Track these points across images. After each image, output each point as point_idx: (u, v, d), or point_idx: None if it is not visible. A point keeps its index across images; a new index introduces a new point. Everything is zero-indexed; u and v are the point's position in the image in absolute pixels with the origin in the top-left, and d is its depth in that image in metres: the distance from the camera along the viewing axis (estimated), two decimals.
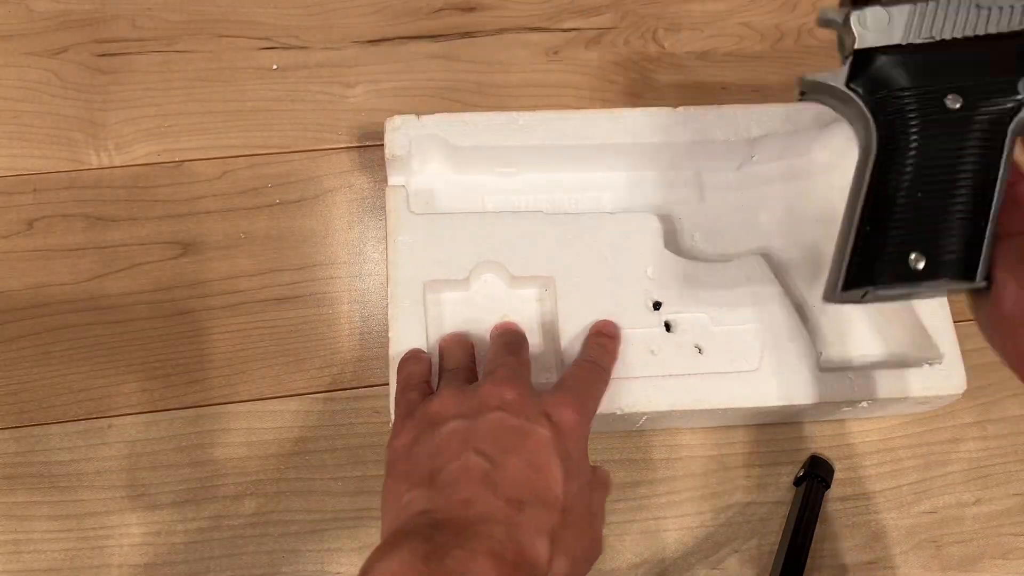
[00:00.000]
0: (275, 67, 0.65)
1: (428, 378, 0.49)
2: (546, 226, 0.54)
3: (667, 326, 0.53)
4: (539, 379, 0.51)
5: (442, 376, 0.48)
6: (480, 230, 0.54)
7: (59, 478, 0.54)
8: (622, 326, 0.52)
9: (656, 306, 0.53)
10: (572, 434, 0.42)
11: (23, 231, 0.60)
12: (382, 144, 0.56)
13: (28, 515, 0.54)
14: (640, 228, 0.54)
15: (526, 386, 0.44)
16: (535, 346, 0.52)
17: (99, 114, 0.63)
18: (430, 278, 0.53)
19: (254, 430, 0.56)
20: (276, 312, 0.59)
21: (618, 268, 0.53)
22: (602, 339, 0.50)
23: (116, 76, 0.64)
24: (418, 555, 0.35)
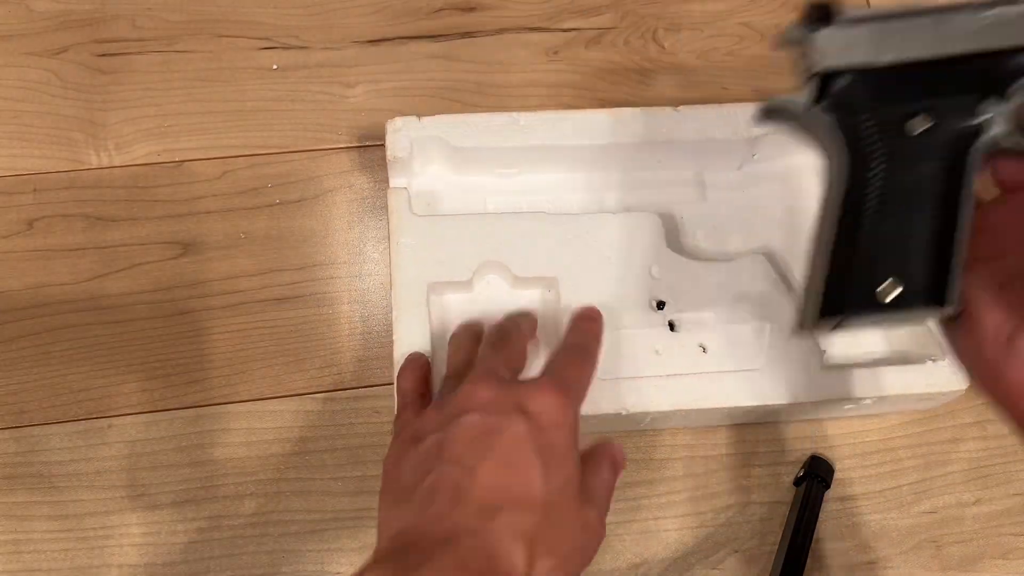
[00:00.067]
0: (275, 67, 0.65)
1: (424, 390, 0.48)
2: (548, 227, 0.54)
3: (671, 325, 0.53)
4: None
5: (442, 383, 0.48)
6: (482, 231, 0.54)
7: (59, 478, 0.54)
8: (626, 326, 0.52)
9: (660, 306, 0.53)
10: (553, 423, 0.40)
11: (23, 231, 0.60)
12: (382, 144, 0.56)
13: (28, 515, 0.54)
14: (642, 228, 0.54)
15: (501, 381, 0.43)
16: (537, 346, 0.52)
17: (99, 114, 0.63)
18: (433, 280, 0.53)
19: (254, 430, 0.56)
20: (276, 312, 0.59)
21: (621, 268, 0.53)
22: (583, 323, 0.49)
23: (116, 76, 0.64)
24: None
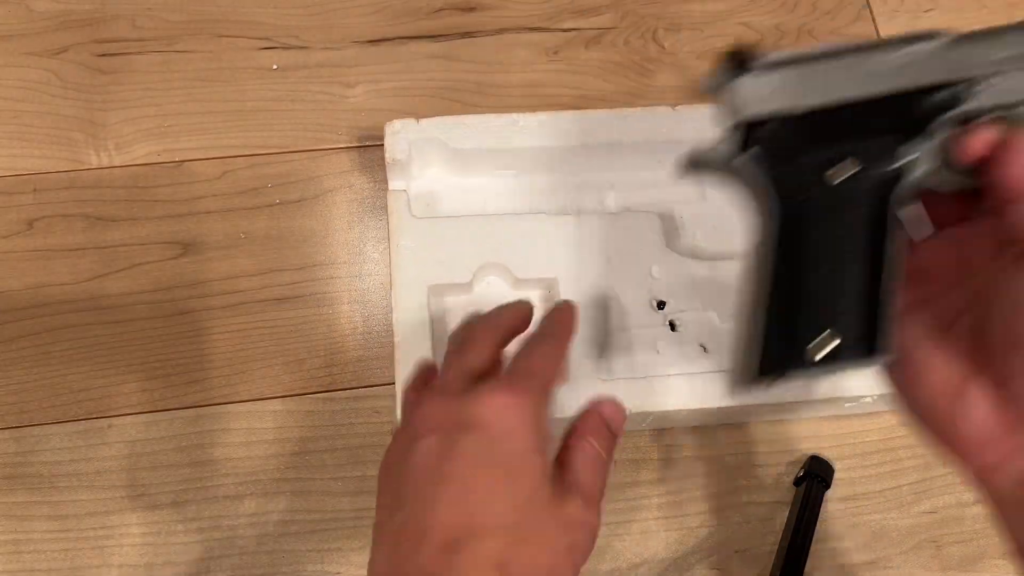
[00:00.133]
0: (275, 67, 0.65)
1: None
2: (548, 227, 0.54)
3: (671, 325, 0.53)
4: None
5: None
6: (482, 232, 0.54)
7: (59, 478, 0.54)
8: (626, 326, 0.52)
9: (660, 305, 0.53)
10: (506, 430, 0.37)
11: (23, 231, 0.60)
12: (382, 144, 0.56)
13: (28, 515, 0.54)
14: (642, 228, 0.54)
15: (448, 396, 0.39)
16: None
17: (99, 114, 0.63)
18: (433, 282, 0.53)
19: (254, 430, 0.56)
20: (276, 312, 0.59)
21: (621, 268, 0.53)
22: (552, 312, 0.45)
23: (116, 76, 0.64)
24: None
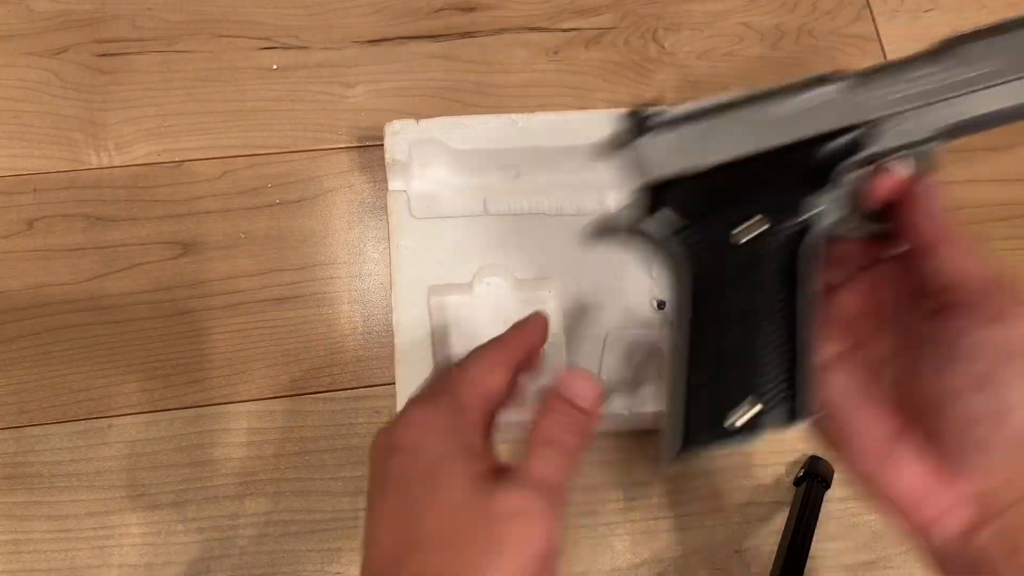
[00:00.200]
0: (275, 67, 0.65)
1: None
2: (548, 228, 0.54)
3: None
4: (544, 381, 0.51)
5: None
6: (482, 233, 0.54)
7: (59, 478, 0.54)
8: (627, 326, 0.52)
9: (660, 306, 0.53)
10: (421, 442, 0.36)
11: (23, 231, 0.60)
12: (382, 144, 0.56)
13: (28, 515, 0.54)
14: None
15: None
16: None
17: (99, 114, 0.63)
18: (433, 282, 0.53)
19: (254, 430, 0.56)
20: (276, 312, 0.59)
21: (621, 268, 0.53)
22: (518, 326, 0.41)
23: (116, 76, 0.64)
24: None
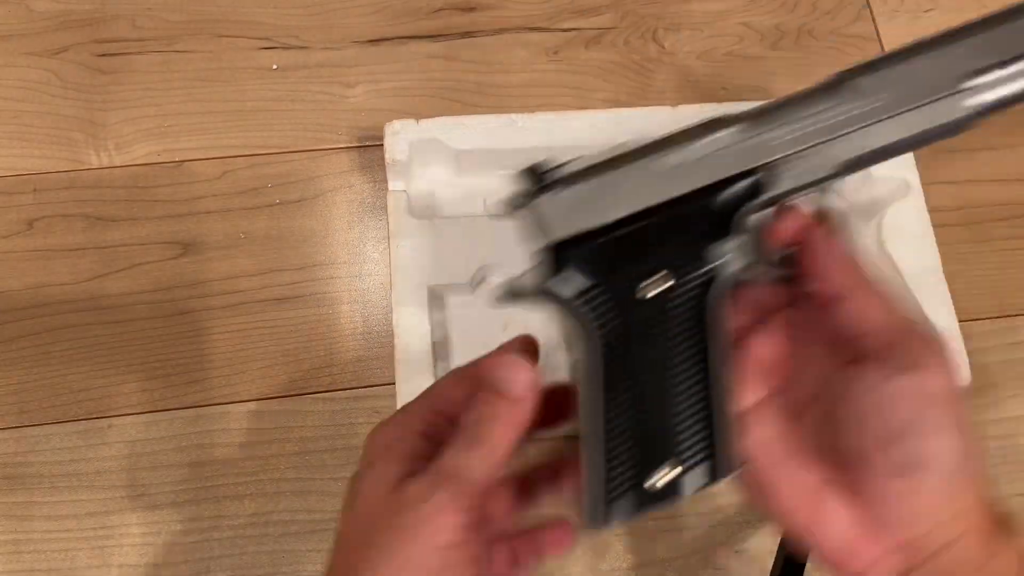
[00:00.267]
0: (275, 67, 0.65)
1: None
2: None
3: None
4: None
5: None
6: (482, 232, 0.54)
7: (59, 478, 0.54)
8: None
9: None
10: (365, 453, 0.35)
11: (23, 231, 0.60)
12: (382, 144, 0.56)
13: (28, 515, 0.54)
14: None
15: None
16: (541, 347, 0.52)
17: (99, 114, 0.63)
18: (433, 282, 0.53)
19: (254, 430, 0.56)
20: (276, 312, 0.59)
21: None
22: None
23: (116, 76, 0.64)
24: None
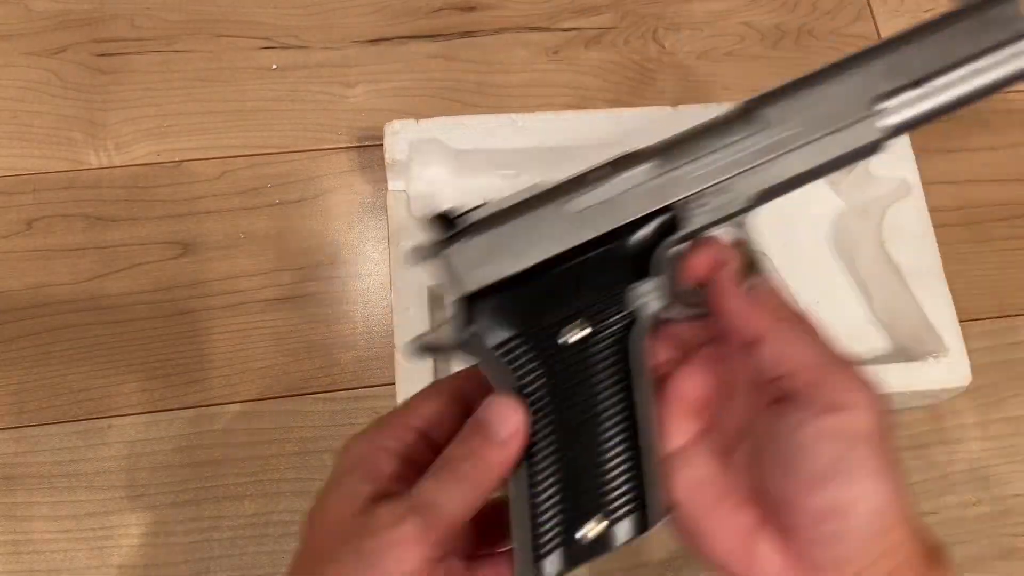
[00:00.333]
0: (275, 67, 0.65)
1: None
2: None
3: None
4: None
5: None
6: None
7: (59, 478, 0.54)
8: None
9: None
10: (331, 474, 0.34)
11: (23, 231, 0.60)
12: (382, 144, 0.56)
13: (28, 515, 0.54)
14: None
15: None
16: None
17: (99, 114, 0.63)
18: (433, 282, 0.53)
19: (254, 430, 0.56)
20: (276, 312, 0.59)
21: None
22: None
23: (116, 76, 0.64)
24: None
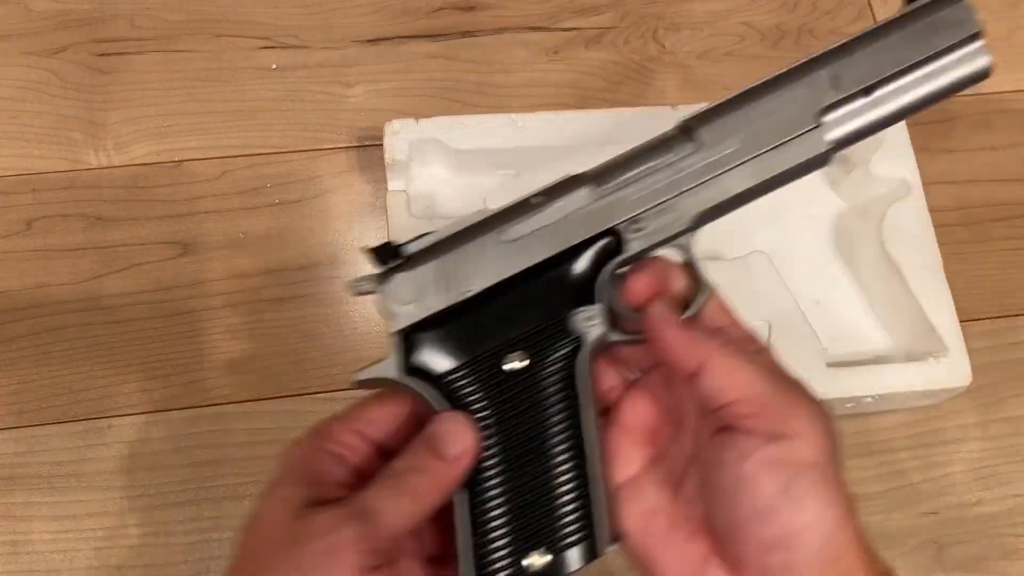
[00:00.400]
0: (275, 67, 0.65)
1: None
2: None
3: None
4: None
5: None
6: None
7: (58, 479, 0.54)
8: None
9: None
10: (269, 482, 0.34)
11: (22, 231, 0.60)
12: (382, 144, 0.56)
13: (27, 516, 0.54)
14: None
15: None
16: None
17: (99, 114, 0.63)
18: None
19: (254, 430, 0.56)
20: (276, 312, 0.59)
21: None
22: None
23: (115, 76, 0.64)
24: None
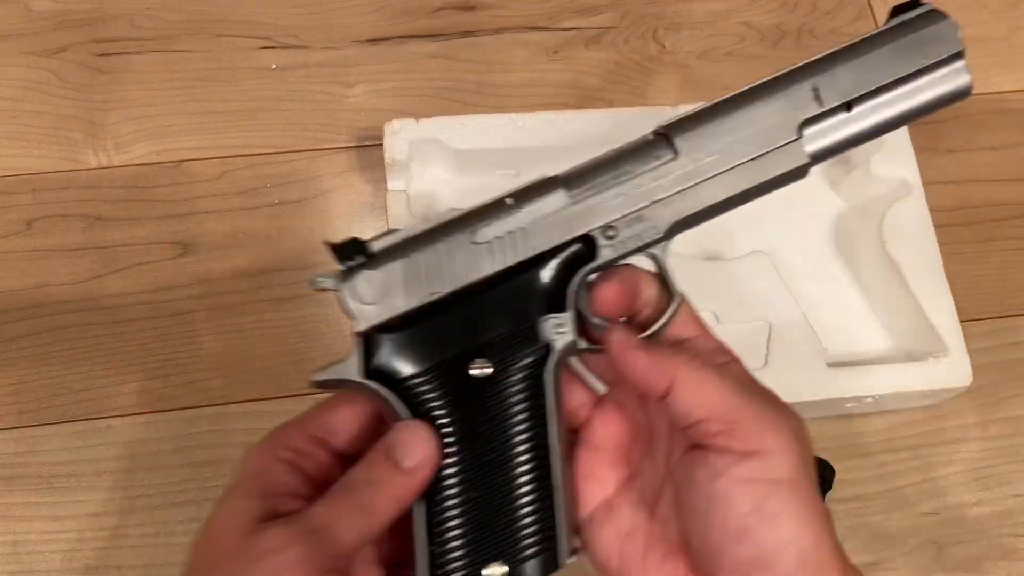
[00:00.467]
0: (275, 67, 0.65)
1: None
2: None
3: None
4: None
5: None
6: None
7: (58, 479, 0.54)
8: None
9: None
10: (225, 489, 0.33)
11: (22, 231, 0.60)
12: (381, 144, 0.56)
13: (27, 516, 0.54)
14: None
15: None
16: None
17: (98, 114, 0.63)
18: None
19: (254, 430, 0.56)
20: (276, 312, 0.59)
21: None
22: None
23: (115, 76, 0.64)
24: None
